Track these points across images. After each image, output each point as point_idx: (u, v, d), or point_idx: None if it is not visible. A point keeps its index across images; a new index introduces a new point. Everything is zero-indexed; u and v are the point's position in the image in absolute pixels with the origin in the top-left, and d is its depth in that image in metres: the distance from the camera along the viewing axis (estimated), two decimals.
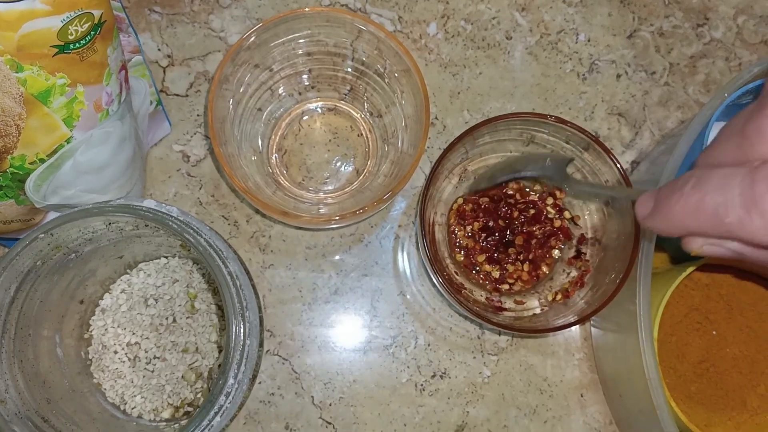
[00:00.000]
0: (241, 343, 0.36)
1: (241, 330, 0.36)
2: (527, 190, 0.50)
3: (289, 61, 0.49)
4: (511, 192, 0.50)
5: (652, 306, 0.42)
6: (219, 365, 0.46)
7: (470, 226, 0.49)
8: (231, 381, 0.36)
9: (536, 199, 0.50)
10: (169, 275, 0.48)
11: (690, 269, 0.43)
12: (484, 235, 0.49)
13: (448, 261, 0.50)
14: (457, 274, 0.49)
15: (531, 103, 0.55)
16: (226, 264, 0.37)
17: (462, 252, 0.49)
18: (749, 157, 0.25)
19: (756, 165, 0.24)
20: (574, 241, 0.49)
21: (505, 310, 0.48)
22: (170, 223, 0.37)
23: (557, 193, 0.50)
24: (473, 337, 0.51)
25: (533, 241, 0.49)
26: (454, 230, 0.50)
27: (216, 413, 0.35)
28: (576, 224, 0.49)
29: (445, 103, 0.54)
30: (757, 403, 0.46)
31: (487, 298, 0.49)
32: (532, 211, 0.49)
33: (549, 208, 0.50)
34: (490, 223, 0.49)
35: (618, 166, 0.44)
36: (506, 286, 0.49)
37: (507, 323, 0.44)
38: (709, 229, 0.26)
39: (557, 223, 0.49)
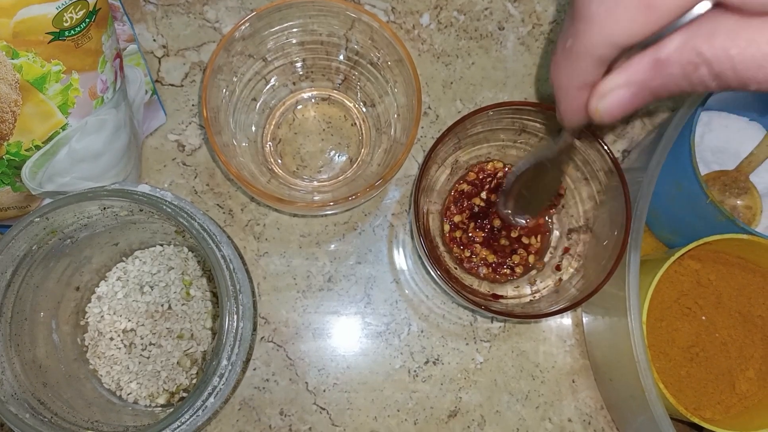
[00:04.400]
0: (234, 325, 0.37)
1: (235, 312, 0.37)
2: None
3: (283, 50, 0.49)
4: (490, 171, 0.50)
5: (641, 291, 0.43)
6: (213, 348, 0.47)
7: (459, 216, 0.50)
8: (224, 362, 0.36)
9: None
10: (165, 263, 0.49)
11: (678, 254, 0.43)
12: (473, 224, 0.50)
13: (442, 249, 0.50)
14: (455, 267, 0.50)
15: (523, 92, 0.55)
16: (220, 247, 0.37)
17: (456, 242, 0.50)
18: None
19: None
20: (565, 228, 0.50)
21: (501, 297, 0.49)
22: (164, 207, 0.37)
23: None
24: (466, 323, 0.51)
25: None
26: (447, 220, 0.50)
27: (210, 394, 0.36)
28: (561, 195, 0.50)
29: (438, 93, 0.55)
30: (746, 386, 0.46)
31: (483, 287, 0.49)
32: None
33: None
34: (475, 209, 0.50)
35: (609, 154, 0.44)
36: (504, 270, 0.49)
37: (503, 310, 0.45)
38: (566, 65, 0.27)
39: None
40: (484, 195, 0.50)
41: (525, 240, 0.50)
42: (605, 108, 0.27)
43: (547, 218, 0.50)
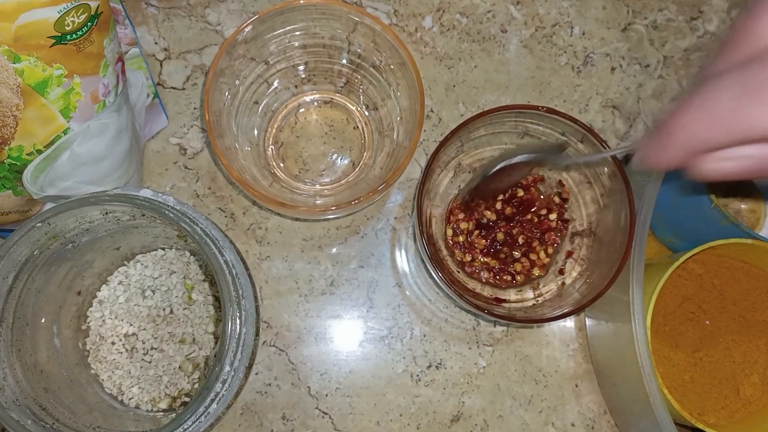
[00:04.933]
0: (237, 330, 0.36)
1: (237, 318, 0.36)
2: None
3: (285, 53, 0.49)
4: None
5: (645, 295, 0.43)
6: (215, 354, 0.46)
7: (464, 224, 0.50)
8: (227, 368, 0.36)
9: (523, 182, 0.50)
10: (166, 267, 0.49)
11: (682, 259, 0.43)
12: (477, 231, 0.50)
13: (445, 253, 0.50)
14: (458, 270, 0.50)
15: (526, 95, 0.55)
16: (222, 252, 0.37)
17: (459, 246, 0.50)
18: (749, 50, 0.23)
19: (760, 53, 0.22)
20: (569, 231, 0.49)
21: (504, 301, 0.48)
22: (166, 212, 0.37)
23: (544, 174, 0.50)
24: (469, 327, 0.51)
25: (515, 232, 0.49)
26: (451, 225, 0.50)
27: (212, 400, 0.36)
28: (564, 199, 0.49)
29: (441, 96, 0.55)
30: (750, 391, 0.46)
31: (486, 291, 0.49)
32: (520, 192, 0.50)
33: (535, 187, 0.50)
34: (483, 220, 0.49)
35: (613, 157, 0.44)
36: (506, 277, 0.49)
37: (505, 314, 0.45)
38: (715, 131, 0.23)
39: (552, 217, 0.50)
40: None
41: (532, 256, 0.49)
42: (717, 170, 0.25)
43: (554, 225, 0.50)
